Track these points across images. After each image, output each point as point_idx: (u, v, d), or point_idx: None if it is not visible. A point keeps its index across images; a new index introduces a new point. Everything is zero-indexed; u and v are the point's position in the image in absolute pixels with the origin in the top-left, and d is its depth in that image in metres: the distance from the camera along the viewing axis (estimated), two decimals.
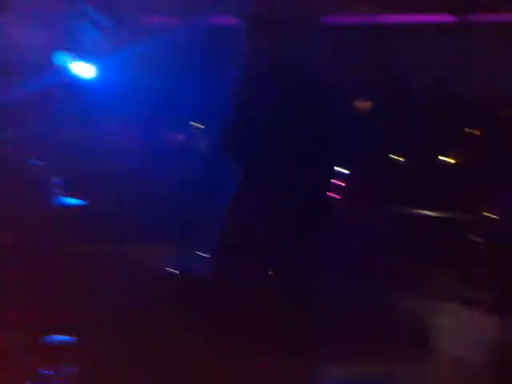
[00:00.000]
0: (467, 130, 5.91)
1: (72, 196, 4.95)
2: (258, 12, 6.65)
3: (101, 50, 6.55)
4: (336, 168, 5.39)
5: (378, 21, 6.60)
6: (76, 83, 6.18)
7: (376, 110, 6.51)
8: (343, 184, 5.32)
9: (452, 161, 5.92)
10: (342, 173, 5.37)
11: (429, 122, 5.98)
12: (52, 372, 2.75)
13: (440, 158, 5.91)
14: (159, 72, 6.46)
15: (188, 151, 5.09)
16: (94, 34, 6.72)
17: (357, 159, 5.51)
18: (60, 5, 6.12)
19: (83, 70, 6.23)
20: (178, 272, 4.09)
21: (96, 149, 5.79)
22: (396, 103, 6.42)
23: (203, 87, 4.21)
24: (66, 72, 6.09)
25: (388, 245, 4.72)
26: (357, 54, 6.43)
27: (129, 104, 6.41)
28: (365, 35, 6.55)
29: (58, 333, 2.92)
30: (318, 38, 6.51)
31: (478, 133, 5.89)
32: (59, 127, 5.47)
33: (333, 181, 5.31)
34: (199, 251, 3.95)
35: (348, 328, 3.81)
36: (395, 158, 5.85)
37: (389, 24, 6.66)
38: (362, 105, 6.49)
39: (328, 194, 5.20)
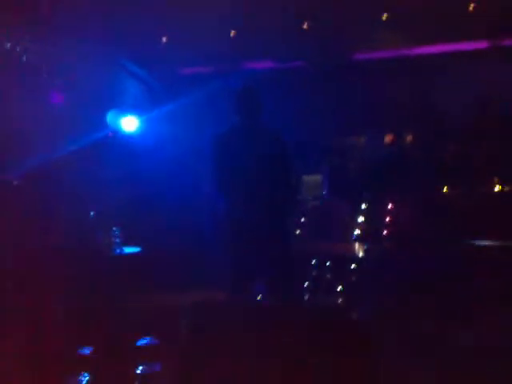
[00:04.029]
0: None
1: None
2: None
3: (144, 105, 7.18)
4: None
5: (411, 53, 7.08)
6: (122, 136, 6.77)
7: (416, 142, 6.89)
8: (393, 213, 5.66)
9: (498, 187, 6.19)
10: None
11: (474, 148, 6.30)
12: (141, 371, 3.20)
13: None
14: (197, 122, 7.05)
15: None
16: (138, 88, 7.38)
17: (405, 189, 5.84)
18: (105, 63, 6.79)
19: (128, 124, 6.83)
20: None
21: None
22: (435, 134, 6.80)
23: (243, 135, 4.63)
24: (112, 126, 6.69)
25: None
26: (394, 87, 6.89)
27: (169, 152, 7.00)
28: (400, 68, 7.02)
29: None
30: (355, 74, 7.02)
31: None
32: (107, 175, 6.02)
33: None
34: None
35: None
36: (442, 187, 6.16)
37: (422, 55, 7.13)
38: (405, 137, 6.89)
39: None
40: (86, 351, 3.33)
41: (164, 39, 7.37)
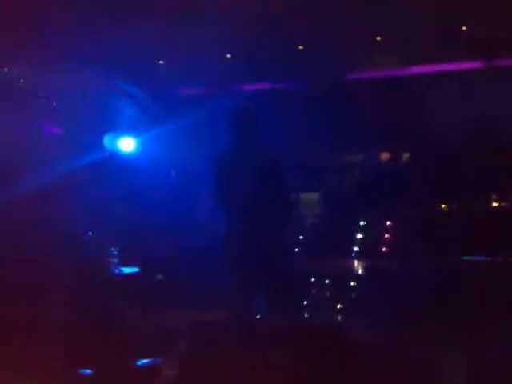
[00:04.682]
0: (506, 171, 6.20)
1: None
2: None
3: (141, 125, 7.20)
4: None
5: (407, 73, 7.16)
6: (119, 157, 6.79)
7: (413, 159, 6.92)
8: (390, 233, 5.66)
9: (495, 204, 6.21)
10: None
11: (471, 164, 6.31)
12: None
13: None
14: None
15: None
16: (134, 110, 7.41)
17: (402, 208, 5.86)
18: (102, 84, 6.83)
19: (125, 144, 6.85)
20: None
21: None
22: (432, 151, 6.83)
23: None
24: (109, 147, 6.71)
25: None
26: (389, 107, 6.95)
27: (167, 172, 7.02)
28: (397, 88, 7.09)
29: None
30: (351, 93, 7.08)
31: None
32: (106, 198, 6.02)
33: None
34: None
35: None
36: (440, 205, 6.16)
37: (416, 75, 7.21)
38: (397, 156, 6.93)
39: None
40: (87, 372, 3.29)
41: (161, 61, 7.43)
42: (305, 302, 5.18)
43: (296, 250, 5.63)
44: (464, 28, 6.57)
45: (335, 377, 3.38)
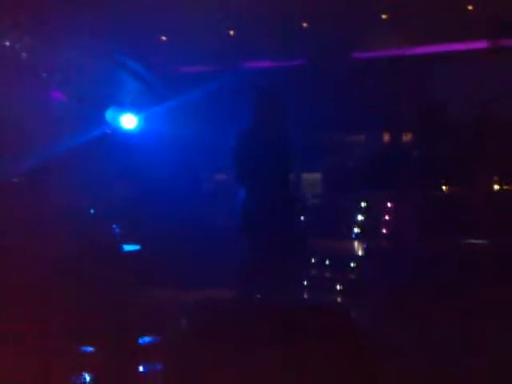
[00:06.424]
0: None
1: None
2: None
3: (143, 102, 7.15)
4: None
5: (412, 53, 7.09)
6: (120, 134, 6.75)
7: (415, 140, 6.89)
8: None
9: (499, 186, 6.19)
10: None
11: (473, 147, 6.28)
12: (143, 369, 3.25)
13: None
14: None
15: None
16: (136, 86, 7.35)
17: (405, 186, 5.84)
18: (104, 61, 6.76)
19: (127, 121, 6.80)
20: None
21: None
22: (434, 132, 6.79)
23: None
24: (111, 124, 6.66)
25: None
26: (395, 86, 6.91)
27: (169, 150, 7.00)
28: (400, 68, 7.03)
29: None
30: (354, 73, 7.03)
31: None
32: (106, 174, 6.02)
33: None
34: None
35: None
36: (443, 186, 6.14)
37: (423, 55, 7.13)
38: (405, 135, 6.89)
39: None
40: (88, 349, 3.33)
41: (163, 37, 7.36)
42: (304, 283, 5.20)
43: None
44: (470, 7, 6.50)
45: (334, 355, 3.41)
